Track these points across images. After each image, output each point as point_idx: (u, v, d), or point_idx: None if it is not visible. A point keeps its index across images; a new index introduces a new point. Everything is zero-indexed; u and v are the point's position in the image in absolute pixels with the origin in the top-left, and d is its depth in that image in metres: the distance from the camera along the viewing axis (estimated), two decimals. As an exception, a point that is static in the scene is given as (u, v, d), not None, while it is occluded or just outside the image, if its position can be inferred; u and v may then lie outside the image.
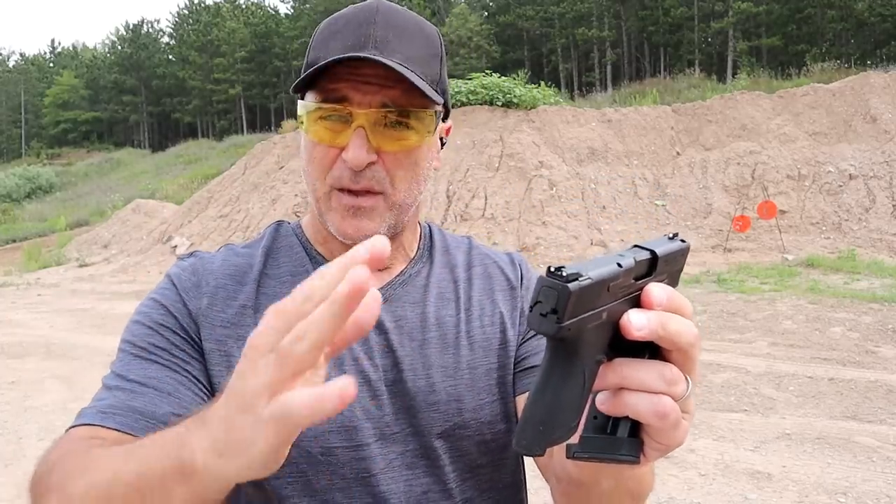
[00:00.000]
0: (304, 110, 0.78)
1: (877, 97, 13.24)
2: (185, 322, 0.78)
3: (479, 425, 0.81)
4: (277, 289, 0.82)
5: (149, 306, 0.80)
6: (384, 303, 0.81)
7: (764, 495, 3.34)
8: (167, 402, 0.72)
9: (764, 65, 33.68)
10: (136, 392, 0.72)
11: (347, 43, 0.75)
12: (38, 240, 22.41)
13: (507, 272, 0.92)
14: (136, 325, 0.79)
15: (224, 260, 0.85)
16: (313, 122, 0.77)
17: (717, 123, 13.93)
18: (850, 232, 11.43)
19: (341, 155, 0.76)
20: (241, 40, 53.26)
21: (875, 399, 4.59)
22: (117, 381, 0.74)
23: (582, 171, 13.35)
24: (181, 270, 0.83)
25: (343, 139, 0.75)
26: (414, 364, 0.80)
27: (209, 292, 0.80)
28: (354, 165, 0.74)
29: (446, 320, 0.84)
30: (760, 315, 7.14)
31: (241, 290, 0.81)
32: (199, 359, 0.77)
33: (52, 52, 76.46)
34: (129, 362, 0.76)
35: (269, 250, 0.86)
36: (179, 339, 0.77)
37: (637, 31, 44.85)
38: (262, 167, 16.77)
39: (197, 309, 0.79)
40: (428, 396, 0.79)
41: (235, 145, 35.30)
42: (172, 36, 63.30)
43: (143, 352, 0.76)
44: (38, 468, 0.64)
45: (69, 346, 7.43)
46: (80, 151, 53.42)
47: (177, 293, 0.80)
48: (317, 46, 0.79)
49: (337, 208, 0.78)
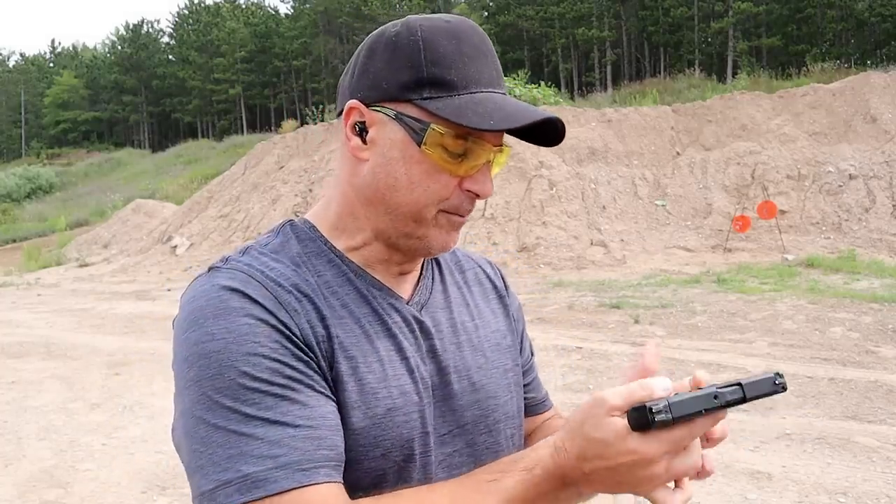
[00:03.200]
0: (436, 133, 0.73)
1: (877, 97, 13.24)
2: (298, 342, 0.71)
3: (507, 419, 0.87)
4: (332, 299, 0.76)
5: (249, 332, 0.68)
6: (422, 308, 0.84)
7: (764, 495, 3.34)
8: (339, 434, 0.69)
9: (764, 65, 33.71)
10: (318, 437, 0.67)
11: (482, 73, 0.75)
12: (38, 240, 22.43)
13: (494, 280, 0.98)
14: (253, 359, 0.67)
15: (271, 269, 0.75)
16: (438, 147, 0.73)
17: (717, 123, 13.93)
18: (850, 232, 11.43)
19: (464, 185, 0.76)
20: (241, 40, 53.26)
21: (875, 399, 4.59)
22: (280, 431, 0.65)
23: (582, 171, 13.35)
24: (245, 283, 0.72)
25: (467, 170, 0.76)
26: (457, 366, 0.83)
27: (293, 308, 0.72)
28: (486, 197, 0.78)
29: (467, 325, 0.88)
30: (760, 315, 7.14)
31: (309, 303, 0.74)
32: (325, 379, 0.72)
33: (52, 52, 76.44)
34: (274, 405, 0.66)
35: (301, 256, 0.79)
36: (306, 364, 0.70)
37: (637, 31, 44.83)
38: (262, 167, 16.77)
39: (297, 327, 0.71)
40: (471, 396, 0.83)
41: (235, 145, 35.33)
42: (172, 36, 63.26)
43: (286, 389, 0.67)
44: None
45: (69, 346, 7.43)
46: (80, 151, 53.41)
47: (267, 311, 0.70)
48: (440, 64, 0.73)
49: (445, 226, 0.79)
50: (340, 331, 0.74)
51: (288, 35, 52.52)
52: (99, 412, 5.16)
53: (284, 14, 58.60)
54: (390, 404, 0.74)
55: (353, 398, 0.72)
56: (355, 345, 0.75)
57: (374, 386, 0.74)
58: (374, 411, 0.73)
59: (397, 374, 0.76)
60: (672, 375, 3.46)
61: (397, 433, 0.74)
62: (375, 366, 0.75)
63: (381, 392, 0.74)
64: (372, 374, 0.74)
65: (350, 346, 0.74)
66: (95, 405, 5.33)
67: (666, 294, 8.60)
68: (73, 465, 4.14)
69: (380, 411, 0.73)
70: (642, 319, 7.18)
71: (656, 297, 8.42)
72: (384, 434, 0.73)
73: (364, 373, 0.74)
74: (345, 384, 0.72)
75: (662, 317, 7.30)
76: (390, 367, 0.76)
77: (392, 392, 0.74)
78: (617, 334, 6.69)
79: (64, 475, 3.98)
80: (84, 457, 4.27)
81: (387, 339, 0.78)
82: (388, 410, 0.73)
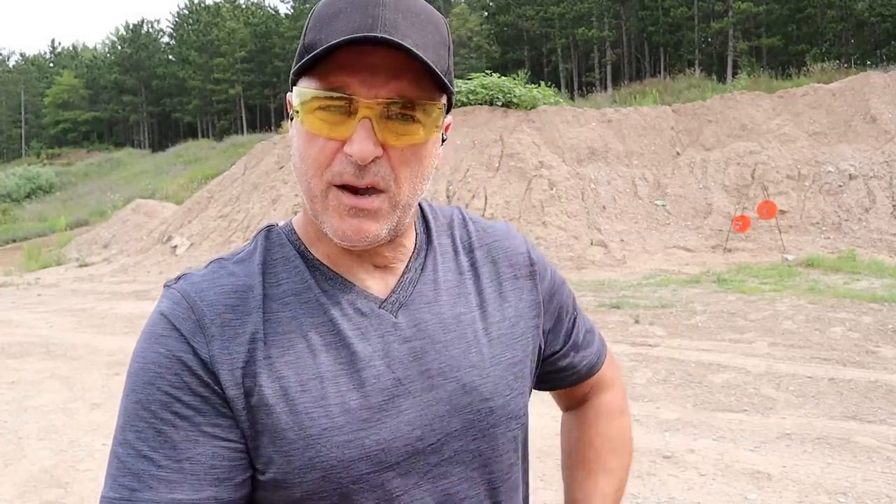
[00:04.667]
0: (300, 98, 0.70)
1: (877, 97, 13.24)
2: (203, 375, 0.69)
3: (508, 421, 0.79)
4: (282, 313, 0.74)
5: (156, 361, 0.69)
6: (399, 308, 0.77)
7: (764, 495, 3.34)
8: (206, 482, 0.67)
9: (764, 65, 33.71)
10: (174, 481, 0.66)
11: (353, 24, 0.67)
12: (38, 240, 22.42)
13: (517, 259, 0.89)
14: (150, 388, 0.69)
15: (220, 286, 0.74)
16: (310, 112, 0.69)
17: (717, 123, 13.93)
18: (850, 232, 11.43)
19: (343, 148, 0.69)
20: (241, 40, 53.28)
21: (875, 399, 4.59)
22: (145, 466, 0.67)
23: (582, 171, 13.35)
24: (175, 307, 0.72)
25: (345, 131, 0.68)
26: (442, 368, 0.76)
27: (216, 333, 0.71)
28: (360, 159, 0.68)
29: (463, 318, 0.80)
30: (760, 315, 7.14)
31: (247, 321, 0.72)
32: (228, 413, 0.69)
33: (52, 52, 76.45)
34: (152, 439, 0.67)
35: (265, 265, 0.77)
36: (202, 399, 0.69)
37: (637, 31, 44.85)
38: (262, 167, 16.77)
39: (209, 356, 0.70)
40: (461, 399, 0.76)
41: (235, 145, 35.33)
42: (172, 36, 63.28)
43: (166, 424, 0.68)
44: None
45: (69, 346, 7.43)
46: (80, 151, 53.39)
47: (184, 340, 0.70)
48: (315, 27, 0.70)
49: (336, 207, 0.71)
50: (276, 350, 0.71)
51: (288, 35, 52.50)
52: (99, 412, 5.16)
53: (284, 14, 58.60)
54: (327, 424, 0.69)
55: (283, 419, 0.69)
56: (291, 363, 0.71)
57: (307, 406, 0.69)
58: (308, 432, 0.69)
59: (340, 392, 0.71)
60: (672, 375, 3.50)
61: (337, 454, 0.69)
62: (312, 384, 0.70)
63: (314, 412, 0.69)
64: (306, 395, 0.70)
65: (283, 366, 0.71)
66: (95, 405, 5.33)
67: (666, 294, 8.60)
68: (73, 465, 4.14)
69: (314, 432, 0.69)
70: (642, 319, 7.18)
71: (656, 297, 8.43)
72: (319, 456, 0.69)
73: (296, 393, 0.70)
74: (271, 407, 0.69)
75: (662, 317, 7.30)
76: (331, 385, 0.71)
77: (331, 411, 0.70)
78: (617, 334, 6.69)
79: (64, 475, 3.98)
80: (84, 457, 4.27)
81: (337, 350, 0.73)
82: (323, 431, 0.69)
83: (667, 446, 3.98)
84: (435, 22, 0.73)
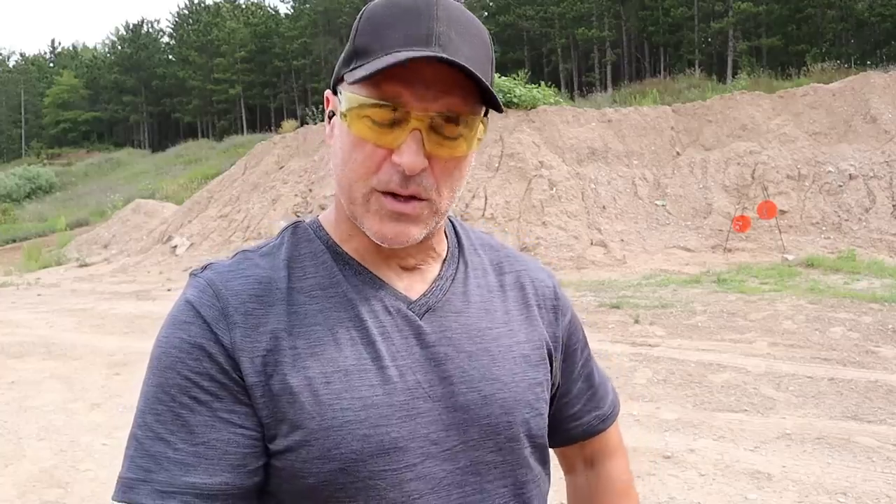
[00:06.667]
0: (349, 104, 0.71)
1: (877, 97, 13.23)
2: (223, 361, 0.71)
3: (527, 438, 0.80)
4: (309, 305, 0.75)
5: (178, 347, 0.71)
6: (427, 312, 0.78)
7: (764, 495, 3.34)
8: (220, 467, 0.69)
9: (764, 65, 33.70)
10: (189, 464, 0.68)
11: (408, 35, 0.68)
12: (38, 240, 22.43)
13: (543, 291, 0.90)
14: (170, 372, 0.70)
15: (245, 276, 0.76)
16: (359, 118, 0.71)
17: (717, 123, 13.93)
18: (850, 232, 11.43)
19: (392, 157, 0.70)
20: (241, 40, 53.27)
21: (875, 399, 4.59)
22: (162, 448, 0.69)
23: (582, 171, 13.35)
24: (201, 295, 0.74)
25: (394, 140, 0.70)
26: (464, 376, 0.77)
27: (239, 321, 0.72)
28: (410, 170, 0.69)
29: (488, 333, 0.81)
30: (760, 315, 7.14)
31: (271, 312, 0.74)
32: (246, 400, 0.71)
33: (52, 52, 76.47)
34: (170, 422, 0.69)
35: (291, 259, 0.78)
36: (220, 386, 0.70)
37: (637, 31, 44.83)
38: (262, 167, 16.78)
39: (231, 343, 0.71)
40: (481, 409, 0.76)
41: (235, 145, 35.35)
42: (172, 36, 63.29)
43: (184, 408, 0.69)
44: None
45: (69, 346, 7.43)
46: (80, 151, 53.41)
47: (207, 327, 0.72)
48: (368, 32, 0.71)
49: (377, 211, 0.73)
50: (302, 341, 0.72)
51: (288, 35, 52.52)
52: (99, 412, 5.16)
53: (284, 14, 58.60)
54: (350, 416, 0.70)
55: (306, 409, 0.70)
56: (317, 355, 0.72)
57: (330, 398, 0.70)
58: (330, 423, 0.70)
59: (364, 387, 0.72)
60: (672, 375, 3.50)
61: (357, 447, 0.70)
62: (337, 376, 0.71)
63: (338, 404, 0.70)
64: (331, 387, 0.71)
65: (308, 357, 0.72)
66: (95, 405, 5.33)
67: (666, 294, 8.60)
68: (73, 465, 4.14)
69: (336, 423, 0.70)
70: (642, 319, 7.18)
71: (656, 297, 8.43)
72: (339, 447, 0.69)
73: (320, 384, 0.71)
74: (295, 396, 0.70)
75: (662, 317, 7.30)
76: (356, 379, 0.72)
77: (354, 404, 0.71)
78: (617, 334, 6.69)
79: (64, 475, 3.98)
80: (84, 457, 4.27)
81: (363, 346, 0.74)
82: (345, 423, 0.70)
83: (667, 446, 3.98)
84: (482, 36, 0.75)
